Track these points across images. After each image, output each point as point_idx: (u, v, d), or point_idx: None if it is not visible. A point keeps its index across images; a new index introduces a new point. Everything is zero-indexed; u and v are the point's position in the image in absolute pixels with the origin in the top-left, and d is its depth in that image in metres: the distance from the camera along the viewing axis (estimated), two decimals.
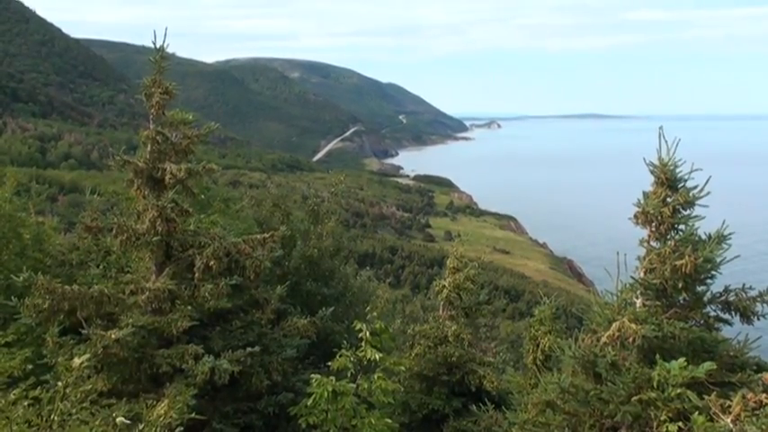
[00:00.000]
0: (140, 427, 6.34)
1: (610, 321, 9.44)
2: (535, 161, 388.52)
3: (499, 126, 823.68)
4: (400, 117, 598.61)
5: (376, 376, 10.59)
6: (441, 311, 16.57)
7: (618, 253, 9.48)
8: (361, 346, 10.82)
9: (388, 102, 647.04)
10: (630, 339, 9.04)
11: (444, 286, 16.35)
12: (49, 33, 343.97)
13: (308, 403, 9.86)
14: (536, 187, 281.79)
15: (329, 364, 11.01)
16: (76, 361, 5.81)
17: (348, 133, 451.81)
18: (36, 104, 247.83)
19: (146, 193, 12.29)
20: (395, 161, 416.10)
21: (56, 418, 5.61)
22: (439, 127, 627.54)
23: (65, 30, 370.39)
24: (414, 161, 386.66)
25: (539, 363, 13.85)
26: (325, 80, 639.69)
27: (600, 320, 9.79)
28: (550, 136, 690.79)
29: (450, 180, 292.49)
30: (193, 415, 7.14)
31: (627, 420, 8.86)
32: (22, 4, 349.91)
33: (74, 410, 5.77)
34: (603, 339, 9.36)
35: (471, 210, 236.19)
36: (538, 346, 14.26)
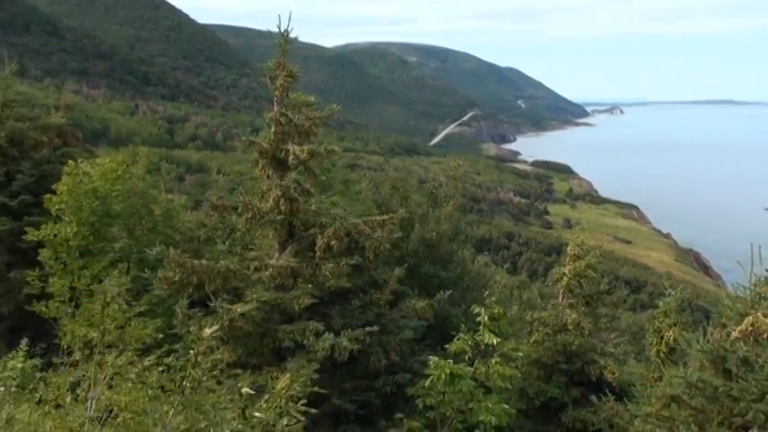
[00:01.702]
0: (265, 397, 6.53)
1: (742, 315, 8.99)
2: (660, 148, 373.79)
3: (622, 112, 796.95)
4: (519, 102, 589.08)
5: (494, 361, 10.52)
6: (560, 299, 16.24)
7: (752, 245, 9.00)
8: (479, 331, 10.77)
9: (506, 86, 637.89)
10: (765, 335, 8.59)
11: (564, 273, 16.01)
12: (177, 19, 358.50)
13: (426, 384, 9.90)
14: (661, 176, 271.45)
15: (446, 346, 11.01)
16: (207, 331, 6.03)
17: (465, 118, 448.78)
18: (165, 87, 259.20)
19: (270, 173, 12.63)
20: (513, 146, 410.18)
21: (188, 384, 5.86)
22: (559, 112, 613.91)
23: (192, 15, 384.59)
24: (532, 147, 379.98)
25: (662, 355, 13.37)
26: (443, 64, 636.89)
27: (731, 314, 9.33)
28: (678, 122, 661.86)
29: (569, 166, 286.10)
30: (317, 389, 7.30)
31: (759, 420, 8.41)
32: None
33: (204, 378, 6.01)
34: (735, 334, 8.92)
35: (591, 197, 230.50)
36: (662, 338, 13.75)
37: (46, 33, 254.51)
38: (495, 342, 10.59)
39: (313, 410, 6.62)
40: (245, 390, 6.56)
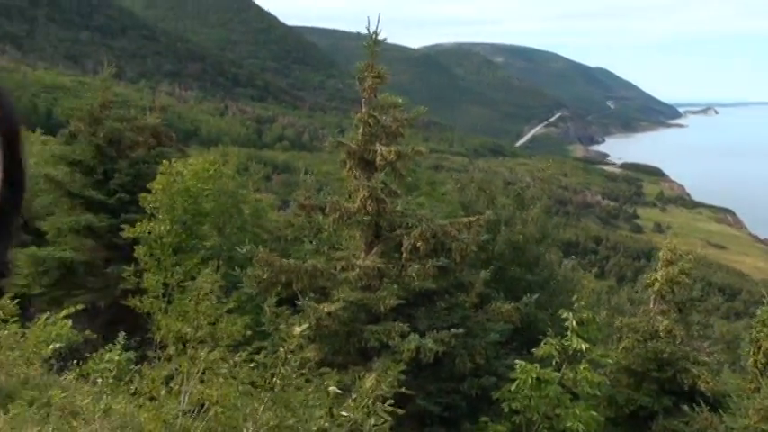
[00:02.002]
0: (353, 396, 6.57)
1: None
2: (758, 152, 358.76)
3: (716, 112, 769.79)
4: (608, 103, 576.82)
5: (582, 367, 10.34)
6: (651, 305, 15.82)
7: None
8: (567, 335, 10.60)
9: (595, 87, 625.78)
10: None
11: (656, 279, 15.58)
12: (266, 21, 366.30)
13: (512, 388, 9.81)
14: (759, 180, 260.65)
15: (533, 350, 10.87)
16: (297, 329, 6.12)
17: (552, 119, 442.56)
18: (254, 89, 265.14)
19: (357, 173, 12.71)
20: (601, 148, 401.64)
21: (278, 381, 5.95)
22: (650, 113, 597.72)
23: (280, 18, 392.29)
24: (621, 148, 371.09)
25: (760, 366, 12.86)
26: (530, 64, 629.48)
27: None
28: None
29: (660, 169, 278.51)
30: (403, 389, 7.31)
31: None
32: None
33: (293, 376, 6.10)
34: None
35: (683, 201, 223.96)
36: (759, 348, 13.23)
37: (141, 37, 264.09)
38: (583, 347, 10.41)
39: (400, 411, 6.63)
40: (332, 388, 6.62)
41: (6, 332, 9.20)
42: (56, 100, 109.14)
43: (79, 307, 11.57)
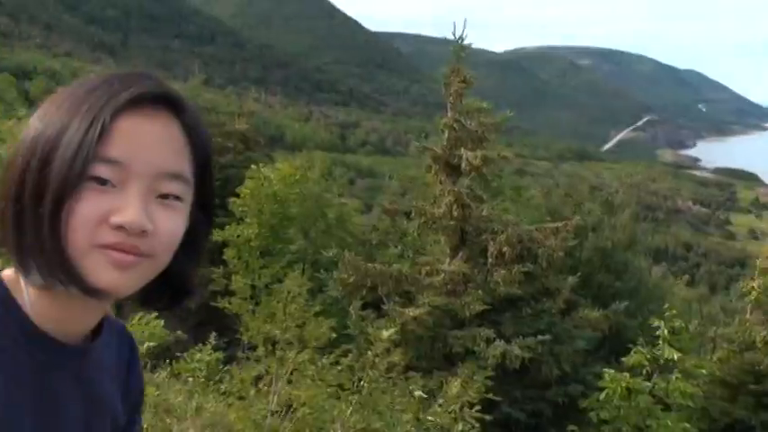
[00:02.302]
0: (439, 401, 6.56)
1: None
2: None
3: None
4: (699, 106, 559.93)
5: (674, 377, 10.04)
6: (748, 314, 15.26)
7: None
8: (658, 344, 10.31)
9: (685, 89, 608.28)
10: None
11: (753, 288, 15.03)
12: (350, 28, 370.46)
13: (600, 398, 9.60)
14: None
15: (622, 359, 10.63)
16: (385, 333, 6.16)
17: (640, 123, 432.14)
18: (338, 94, 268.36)
19: (442, 178, 12.71)
20: (691, 152, 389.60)
21: (365, 384, 5.99)
22: (744, 116, 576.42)
23: (364, 24, 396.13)
24: (713, 153, 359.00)
25: None
26: (617, 67, 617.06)
27: None
28: None
29: (755, 174, 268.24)
30: (490, 395, 7.25)
31: None
32: (328, 2, 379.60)
33: (381, 379, 6.13)
34: None
35: None
36: None
37: (229, 44, 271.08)
38: (675, 357, 10.10)
39: (488, 417, 6.58)
40: (419, 393, 6.63)
41: None
42: None
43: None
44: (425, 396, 6.91)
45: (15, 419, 0.88)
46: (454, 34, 12.80)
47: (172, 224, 0.92)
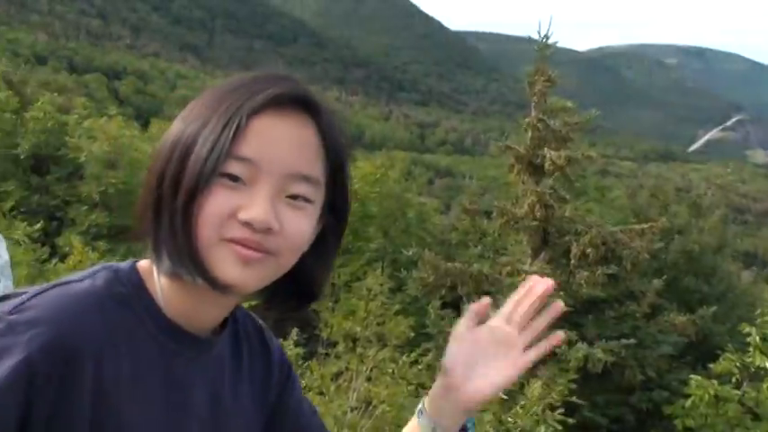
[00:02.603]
0: (521, 403, 6.50)
1: None
2: None
3: None
4: None
5: (765, 386, 9.68)
6: None
7: None
8: (749, 352, 9.96)
9: None
10: None
11: None
12: (430, 27, 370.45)
13: (686, 405, 9.36)
14: None
15: (709, 366, 10.33)
16: None
17: (730, 122, 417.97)
18: (417, 93, 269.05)
19: (525, 178, 12.57)
20: None
21: None
22: None
23: (444, 23, 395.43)
24: None
25: None
26: (705, 65, 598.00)
27: None
28: None
29: None
30: (573, 398, 7.15)
31: None
32: (407, 1, 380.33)
33: None
34: None
35: None
36: None
37: (311, 44, 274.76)
38: (767, 365, 9.74)
39: (570, 420, 6.49)
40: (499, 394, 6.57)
41: None
42: None
43: (253, 303, 12.11)
44: (506, 397, 6.85)
45: (145, 405, 0.92)
46: (539, 33, 12.66)
47: (298, 225, 0.93)
